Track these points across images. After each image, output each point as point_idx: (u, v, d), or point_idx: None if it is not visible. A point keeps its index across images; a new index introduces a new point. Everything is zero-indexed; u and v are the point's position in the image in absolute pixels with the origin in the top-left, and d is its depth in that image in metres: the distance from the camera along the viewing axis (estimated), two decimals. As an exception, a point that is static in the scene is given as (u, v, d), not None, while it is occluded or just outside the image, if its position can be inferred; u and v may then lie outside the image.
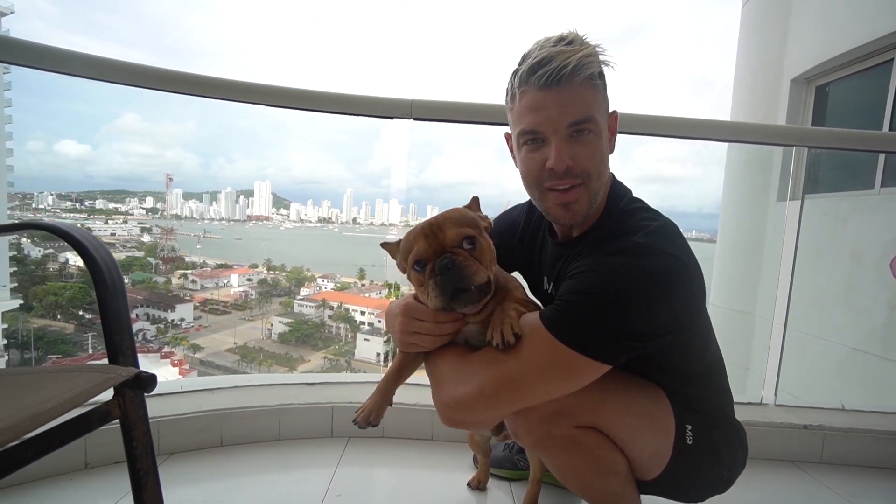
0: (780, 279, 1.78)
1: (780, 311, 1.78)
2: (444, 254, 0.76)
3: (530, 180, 0.87)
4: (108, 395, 0.69)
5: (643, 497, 0.94)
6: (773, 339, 1.79)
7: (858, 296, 3.22)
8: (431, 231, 0.78)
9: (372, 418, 0.89)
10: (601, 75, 0.82)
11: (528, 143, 0.84)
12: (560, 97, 0.78)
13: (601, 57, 0.81)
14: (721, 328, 0.97)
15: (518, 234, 1.07)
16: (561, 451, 0.86)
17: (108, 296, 0.69)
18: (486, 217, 0.89)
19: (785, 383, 1.74)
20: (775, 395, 1.71)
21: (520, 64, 0.82)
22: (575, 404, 0.82)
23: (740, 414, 1.00)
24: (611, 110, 0.87)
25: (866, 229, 3.30)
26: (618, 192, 0.91)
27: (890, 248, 2.98)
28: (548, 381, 0.77)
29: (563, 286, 0.80)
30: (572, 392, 0.79)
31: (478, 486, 1.30)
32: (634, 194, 0.94)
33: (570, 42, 0.79)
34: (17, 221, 0.82)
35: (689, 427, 0.87)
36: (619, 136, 0.92)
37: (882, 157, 3.30)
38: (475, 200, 0.91)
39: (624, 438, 0.85)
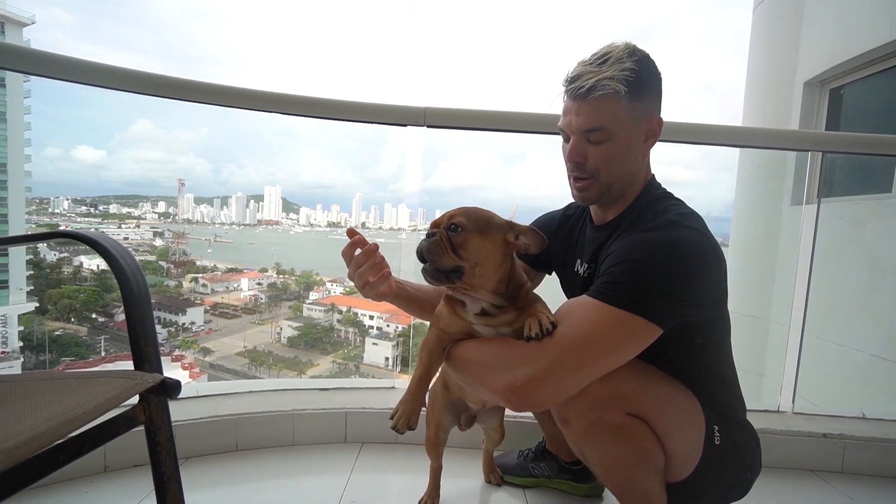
0: (797, 284, 1.76)
1: (797, 316, 1.75)
2: (435, 228, 0.87)
3: (565, 164, 1.02)
4: (132, 400, 0.70)
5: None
6: (790, 345, 1.77)
7: (878, 301, 3.17)
8: (447, 212, 0.90)
9: (411, 422, 0.91)
10: (628, 92, 0.90)
11: (563, 137, 1.00)
12: (580, 107, 0.93)
13: (626, 75, 0.89)
14: (734, 334, 0.98)
15: (556, 226, 1.18)
16: (609, 439, 0.88)
17: (134, 303, 0.71)
18: (515, 226, 0.90)
19: (803, 391, 1.71)
20: (793, 402, 1.68)
21: (568, 71, 0.96)
22: (626, 390, 0.86)
23: (758, 421, 1.01)
24: (654, 116, 0.97)
25: (884, 233, 3.24)
26: (652, 184, 1.02)
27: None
28: (610, 344, 0.81)
29: (606, 262, 0.87)
30: (623, 376, 0.83)
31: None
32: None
33: (604, 61, 0.91)
34: (48, 231, 0.84)
35: (717, 427, 0.91)
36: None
37: (899, 160, 3.25)
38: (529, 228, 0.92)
39: (667, 431, 0.88)
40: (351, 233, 1.00)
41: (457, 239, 0.84)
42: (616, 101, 0.90)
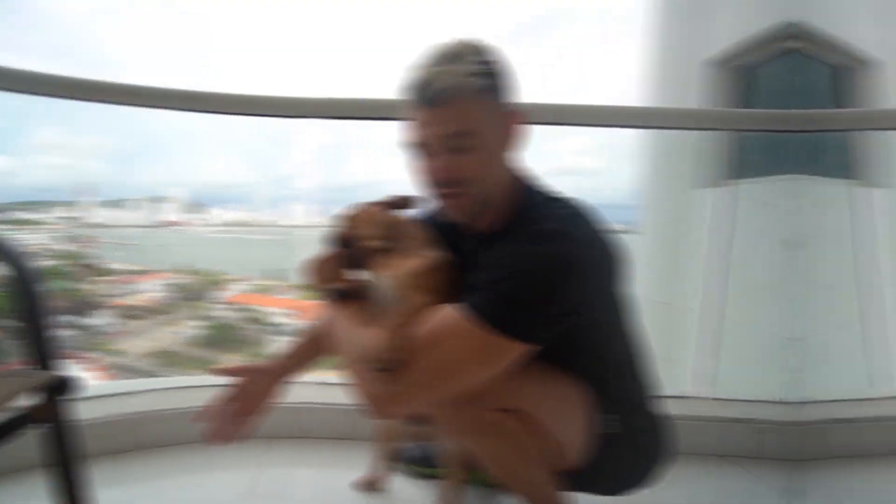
0: (704, 269, 1.80)
1: (709, 301, 1.77)
2: None
3: (426, 185, 0.91)
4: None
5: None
6: (702, 330, 1.77)
7: (792, 284, 3.22)
8: None
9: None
10: (490, 87, 0.85)
11: (420, 153, 0.89)
12: (440, 114, 0.83)
13: (484, 68, 0.83)
14: (645, 320, 0.97)
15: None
16: (485, 436, 0.86)
17: (28, 301, 0.66)
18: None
19: (716, 376, 1.70)
20: (706, 387, 1.68)
21: (412, 78, 0.85)
22: (496, 388, 0.82)
23: (673, 408, 0.99)
24: (511, 109, 0.89)
25: (796, 215, 3.24)
26: (530, 185, 0.94)
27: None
28: (475, 364, 0.79)
29: (484, 274, 0.81)
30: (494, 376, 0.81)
31: (374, 487, 1.22)
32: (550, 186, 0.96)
33: (454, 58, 0.82)
34: None
35: (609, 416, 0.89)
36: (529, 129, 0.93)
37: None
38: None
39: (545, 423, 0.87)
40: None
41: None
42: (478, 101, 0.83)
